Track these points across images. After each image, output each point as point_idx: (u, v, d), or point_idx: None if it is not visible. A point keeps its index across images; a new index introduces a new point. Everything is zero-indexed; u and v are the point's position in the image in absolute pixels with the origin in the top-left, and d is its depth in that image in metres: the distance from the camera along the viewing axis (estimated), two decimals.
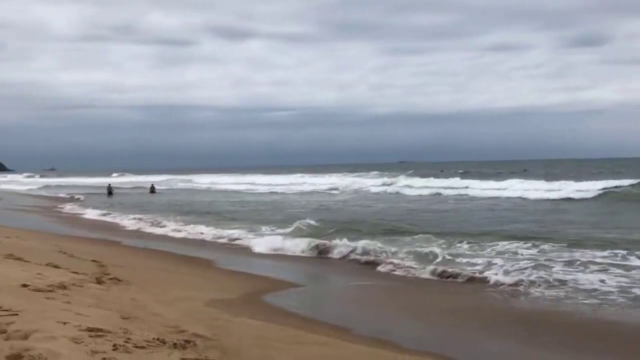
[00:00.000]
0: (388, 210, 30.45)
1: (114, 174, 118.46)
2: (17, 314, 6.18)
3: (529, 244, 16.33)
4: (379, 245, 16.85)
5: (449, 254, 15.26)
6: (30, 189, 71.39)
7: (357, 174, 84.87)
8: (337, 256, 16.62)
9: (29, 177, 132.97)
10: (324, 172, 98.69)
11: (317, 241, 18.00)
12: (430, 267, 14.02)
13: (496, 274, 12.95)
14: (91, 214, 31.80)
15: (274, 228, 21.51)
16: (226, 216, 28.50)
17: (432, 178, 58.22)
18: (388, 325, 9.77)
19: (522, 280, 12.33)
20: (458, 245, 16.76)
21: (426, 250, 15.89)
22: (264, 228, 22.34)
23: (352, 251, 16.50)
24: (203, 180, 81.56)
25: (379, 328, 9.43)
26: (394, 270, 14.33)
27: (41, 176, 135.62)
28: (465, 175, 67.78)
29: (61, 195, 54.85)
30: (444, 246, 16.51)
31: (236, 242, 19.79)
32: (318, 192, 52.70)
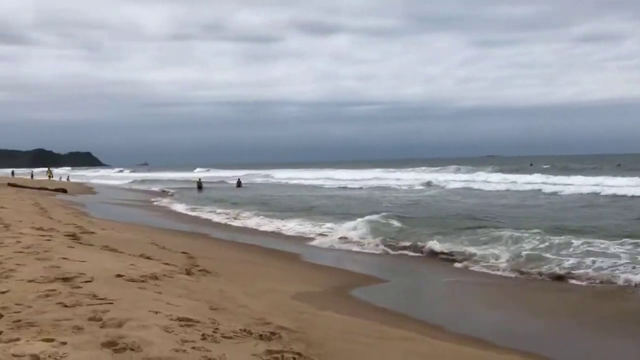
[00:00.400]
0: (470, 206, 29.80)
1: (198, 169, 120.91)
2: (112, 303, 6.40)
3: (623, 242, 15.55)
4: (464, 242, 16.57)
5: (538, 251, 14.82)
6: (123, 183, 74.16)
7: (438, 167, 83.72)
8: (420, 253, 16.43)
9: (119, 172, 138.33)
10: (407, 166, 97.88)
11: (398, 238, 17.88)
12: (518, 264, 13.67)
13: (589, 272, 12.48)
14: (182, 207, 32.67)
15: (358, 223, 21.41)
16: (312, 210, 28.66)
17: (515, 173, 56.88)
18: (476, 322, 9.60)
19: (617, 278, 11.84)
20: (547, 242, 16.10)
21: (513, 246, 15.50)
22: (349, 224, 22.28)
23: (435, 247, 16.28)
24: (282, 175, 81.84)
25: (467, 325, 9.27)
26: (479, 267, 14.05)
27: (132, 171, 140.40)
28: (552, 170, 65.63)
29: (154, 189, 56.63)
30: (532, 243, 16.01)
31: (321, 236, 19.88)
32: (401, 187, 52.22)
